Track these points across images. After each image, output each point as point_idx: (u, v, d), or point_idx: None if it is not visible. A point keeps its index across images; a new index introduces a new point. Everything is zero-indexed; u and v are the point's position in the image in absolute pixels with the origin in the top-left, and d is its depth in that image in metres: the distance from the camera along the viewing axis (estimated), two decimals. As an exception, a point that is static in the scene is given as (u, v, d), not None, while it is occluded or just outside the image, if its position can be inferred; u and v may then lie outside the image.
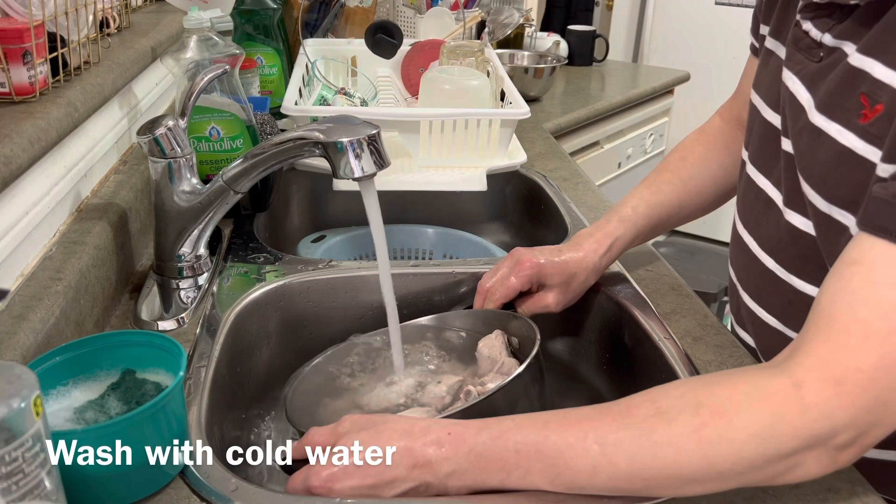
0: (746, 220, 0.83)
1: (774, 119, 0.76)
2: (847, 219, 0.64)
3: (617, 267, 1.00)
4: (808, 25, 0.69)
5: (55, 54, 0.82)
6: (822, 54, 0.67)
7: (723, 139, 0.95)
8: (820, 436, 0.54)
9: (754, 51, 0.88)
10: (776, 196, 0.76)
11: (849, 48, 0.64)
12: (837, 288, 0.56)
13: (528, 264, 0.86)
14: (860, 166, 0.61)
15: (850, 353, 0.54)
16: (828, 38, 0.67)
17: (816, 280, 0.66)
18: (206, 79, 0.87)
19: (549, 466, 0.56)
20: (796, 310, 0.75)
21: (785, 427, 0.54)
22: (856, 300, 0.55)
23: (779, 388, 0.55)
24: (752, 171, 0.81)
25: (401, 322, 0.82)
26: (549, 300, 0.88)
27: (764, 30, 0.82)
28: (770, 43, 0.79)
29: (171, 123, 0.84)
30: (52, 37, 0.82)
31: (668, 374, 0.81)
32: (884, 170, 0.58)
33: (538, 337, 0.75)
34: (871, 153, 0.60)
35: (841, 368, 0.54)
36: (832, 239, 0.66)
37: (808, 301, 0.71)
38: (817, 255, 0.70)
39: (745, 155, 0.83)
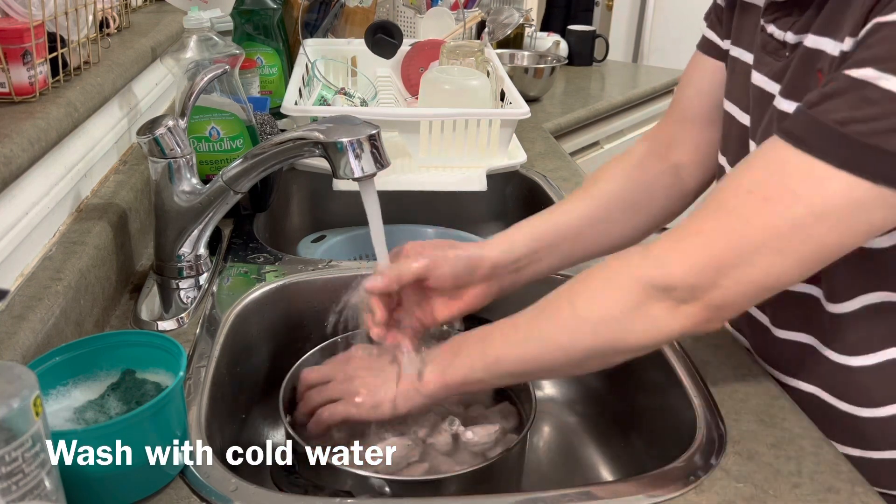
0: None
1: (747, 121, 0.76)
2: None
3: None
4: (771, 28, 0.71)
5: (55, 54, 0.82)
6: (787, 53, 0.69)
7: (641, 160, 0.88)
8: (658, 284, 0.62)
9: (713, 51, 0.85)
10: None
11: (808, 38, 0.66)
12: (722, 179, 0.63)
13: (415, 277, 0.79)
14: None
15: (697, 219, 0.62)
16: (790, 36, 0.68)
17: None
18: (206, 79, 0.87)
19: (487, 356, 0.70)
20: (783, 306, 0.76)
21: (627, 275, 0.64)
22: (726, 182, 0.63)
23: (635, 253, 0.66)
24: (725, 164, 0.82)
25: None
26: (438, 313, 0.79)
27: (726, 45, 0.82)
28: (735, 52, 0.79)
29: (171, 123, 0.84)
30: (52, 37, 0.82)
31: (665, 373, 0.81)
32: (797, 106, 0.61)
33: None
34: None
35: (685, 231, 0.62)
36: None
37: (794, 297, 0.74)
38: None
39: (722, 160, 0.83)
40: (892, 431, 0.72)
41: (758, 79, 0.73)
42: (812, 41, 0.65)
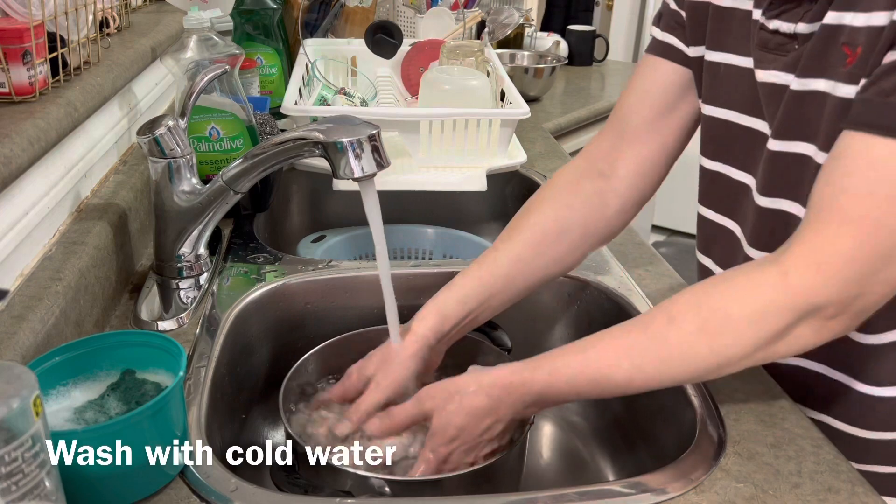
0: (720, 207, 0.84)
1: (753, 123, 0.76)
2: None
3: (617, 266, 1.00)
4: (776, 23, 0.70)
5: (55, 54, 0.82)
6: (796, 45, 0.69)
7: (569, 184, 0.87)
8: (806, 311, 0.61)
9: (675, 56, 0.83)
10: (752, 185, 0.77)
11: (827, 17, 0.66)
12: (823, 182, 0.62)
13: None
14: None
15: (829, 239, 0.61)
16: (802, 27, 0.68)
17: None
18: (206, 79, 0.87)
19: (595, 386, 0.68)
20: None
21: (774, 309, 0.61)
22: (836, 190, 0.61)
23: (769, 278, 0.62)
24: (726, 168, 0.81)
25: (401, 323, 0.82)
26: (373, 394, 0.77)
27: (694, 51, 0.81)
28: (716, 56, 0.78)
29: (170, 123, 0.84)
30: (52, 37, 0.82)
31: (668, 374, 0.81)
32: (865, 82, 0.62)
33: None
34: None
35: (821, 253, 0.61)
36: None
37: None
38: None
39: (709, 163, 0.83)
40: None
41: (766, 76, 0.72)
42: (832, 17, 0.64)
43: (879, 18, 0.60)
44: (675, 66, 0.83)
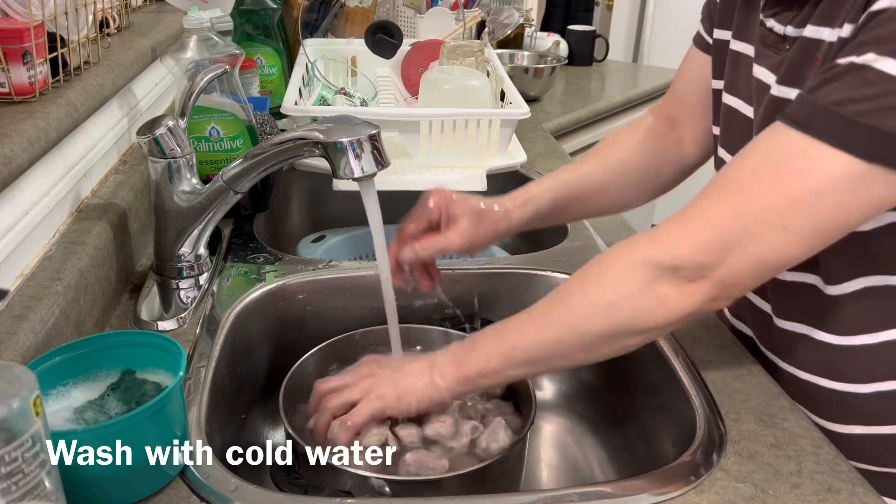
0: None
1: (752, 113, 0.78)
2: None
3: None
4: (771, 22, 0.72)
5: (55, 54, 0.82)
6: (787, 47, 0.70)
7: (651, 133, 0.95)
8: (666, 264, 0.63)
9: (701, 45, 0.90)
10: None
11: (807, 29, 0.67)
12: (729, 160, 0.65)
13: (435, 196, 0.86)
14: None
15: (702, 201, 0.64)
16: (790, 30, 0.70)
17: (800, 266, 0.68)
18: (205, 79, 0.87)
19: (502, 345, 0.70)
20: (784, 296, 0.78)
21: (637, 257, 0.65)
22: (729, 167, 0.64)
23: (642, 236, 0.67)
24: None
25: (400, 323, 0.82)
26: (453, 234, 0.84)
27: (723, 34, 0.83)
28: (736, 45, 0.80)
29: (170, 123, 0.84)
30: (52, 37, 0.82)
31: (665, 373, 0.81)
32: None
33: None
34: None
35: (691, 212, 0.64)
36: None
37: (794, 287, 0.75)
38: None
39: (723, 153, 0.84)
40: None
41: (758, 71, 0.74)
42: (811, 31, 0.66)
43: (843, 32, 0.62)
44: (703, 55, 0.89)
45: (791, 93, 0.68)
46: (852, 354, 0.75)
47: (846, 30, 0.61)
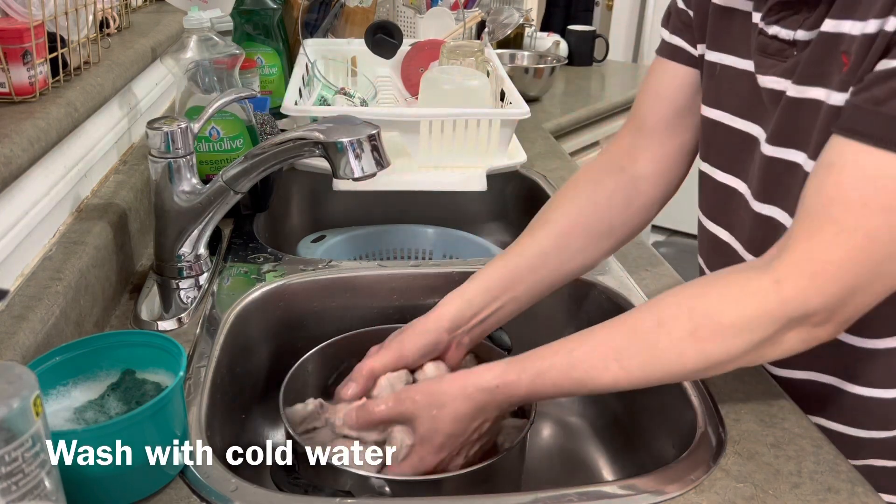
0: (716, 217, 0.84)
1: (747, 127, 0.76)
2: None
3: (617, 267, 1.00)
4: (774, 29, 0.69)
5: (55, 54, 0.82)
6: (795, 52, 0.68)
7: (595, 175, 0.87)
8: (797, 318, 0.61)
9: (671, 54, 0.85)
10: (746, 191, 0.77)
11: (825, 24, 0.65)
12: (814, 189, 0.62)
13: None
14: None
15: (822, 248, 0.60)
16: (801, 34, 0.67)
17: None
18: (230, 98, 0.87)
19: (581, 387, 0.69)
20: None
21: (767, 317, 0.62)
22: (828, 199, 0.61)
23: (762, 285, 0.62)
24: (720, 175, 0.81)
25: (401, 323, 0.82)
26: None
27: (701, 49, 0.80)
28: (715, 57, 0.78)
29: (184, 125, 0.84)
30: (52, 37, 0.82)
31: (668, 374, 0.81)
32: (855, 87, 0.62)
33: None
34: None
35: (815, 263, 0.61)
36: None
37: None
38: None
39: (707, 167, 0.82)
40: None
41: (767, 82, 0.71)
42: (830, 25, 0.64)
43: (872, 26, 0.60)
44: (684, 67, 0.83)
45: (811, 91, 0.66)
46: (877, 358, 0.74)
47: (891, 23, 0.58)
